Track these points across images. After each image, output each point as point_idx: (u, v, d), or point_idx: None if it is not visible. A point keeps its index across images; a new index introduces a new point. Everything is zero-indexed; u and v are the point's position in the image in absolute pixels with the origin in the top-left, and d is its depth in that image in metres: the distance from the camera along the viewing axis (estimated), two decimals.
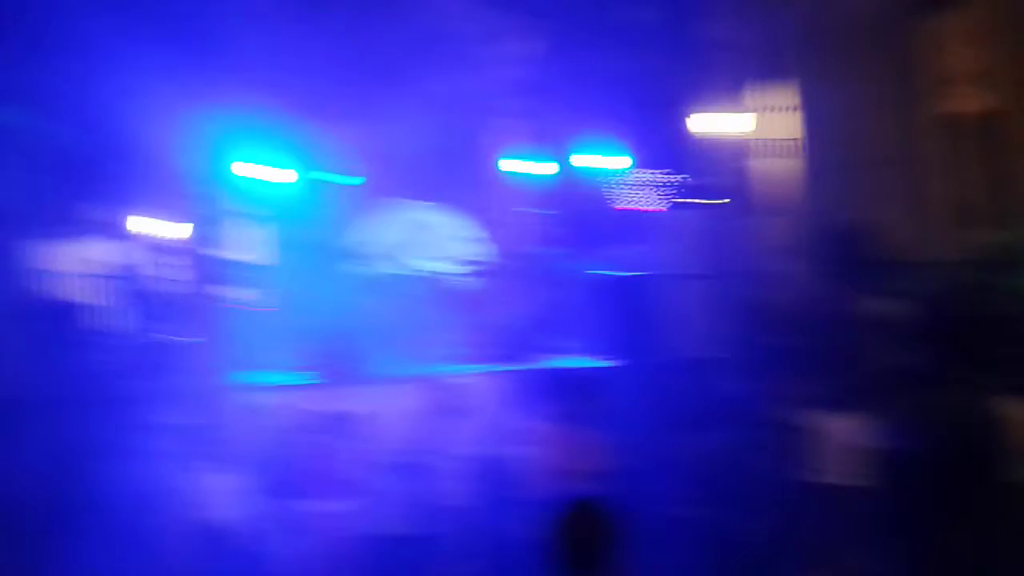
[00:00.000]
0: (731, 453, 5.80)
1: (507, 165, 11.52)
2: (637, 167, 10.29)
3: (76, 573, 5.84)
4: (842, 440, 5.22)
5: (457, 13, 10.64)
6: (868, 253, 7.89)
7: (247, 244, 9.63)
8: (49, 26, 8.38)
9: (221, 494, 6.43)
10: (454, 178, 11.30)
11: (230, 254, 8.88)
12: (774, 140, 9.57)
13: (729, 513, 5.85)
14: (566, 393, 7.34)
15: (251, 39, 10.13)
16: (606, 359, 7.90)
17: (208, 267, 8.79)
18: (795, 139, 9.03)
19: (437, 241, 10.69)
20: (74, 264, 9.91)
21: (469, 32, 10.91)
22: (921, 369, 4.39)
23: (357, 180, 9.45)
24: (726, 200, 8.34)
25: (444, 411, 7.11)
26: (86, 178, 9.83)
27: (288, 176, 9.63)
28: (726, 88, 9.72)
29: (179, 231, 9.18)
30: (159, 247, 10.30)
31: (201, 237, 8.60)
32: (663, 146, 9.80)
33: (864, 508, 4.69)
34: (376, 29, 10.55)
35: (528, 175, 11.26)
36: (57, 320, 8.30)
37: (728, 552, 5.50)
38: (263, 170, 9.57)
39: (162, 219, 10.14)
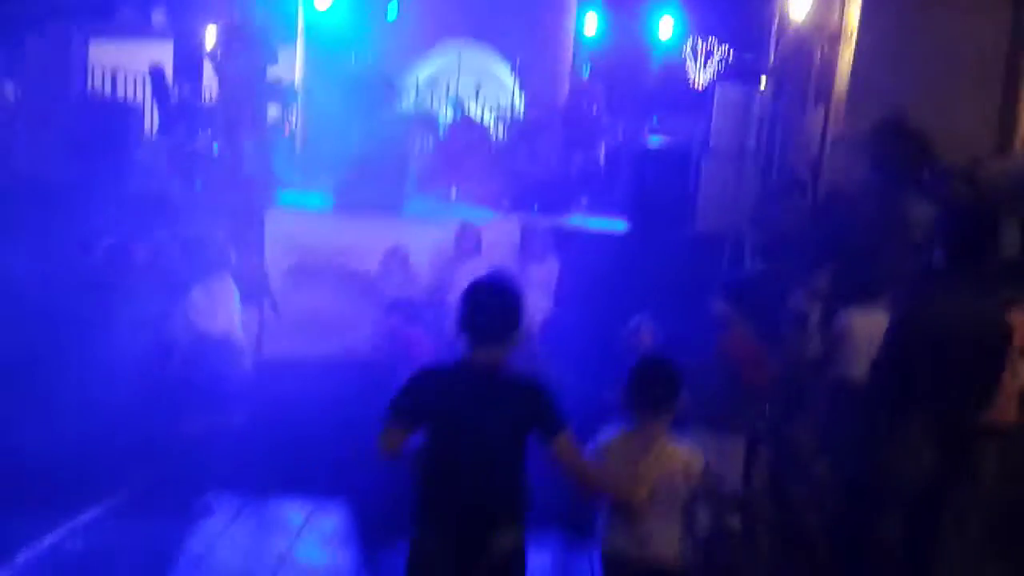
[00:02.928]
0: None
1: (562, 20, 11.21)
2: (691, 36, 10.01)
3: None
4: (857, 332, 5.25)
5: None
6: (914, 153, 7.73)
7: (287, 64, 9.53)
8: None
9: (226, 308, 6.49)
10: (507, 25, 11.05)
11: (271, 72, 8.78)
12: (834, 25, 9.23)
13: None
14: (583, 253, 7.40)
15: None
16: (628, 224, 7.88)
17: (248, 82, 8.72)
18: (854, 28, 8.70)
19: (481, 86, 10.55)
20: (123, 63, 9.85)
21: None
22: (941, 272, 4.35)
23: (397, 14, 9.22)
24: (774, 81, 8.12)
25: (461, 253, 7.17)
26: None
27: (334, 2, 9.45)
28: None
29: (223, 44, 9.03)
30: (205, 56, 10.20)
31: (244, 52, 8.47)
32: (721, 18, 9.47)
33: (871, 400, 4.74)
34: None
35: (581, 34, 10.98)
36: (102, 116, 8.31)
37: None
38: None
39: (210, 28, 9.99)
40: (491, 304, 3.02)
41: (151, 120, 9.41)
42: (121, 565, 4.52)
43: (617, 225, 7.96)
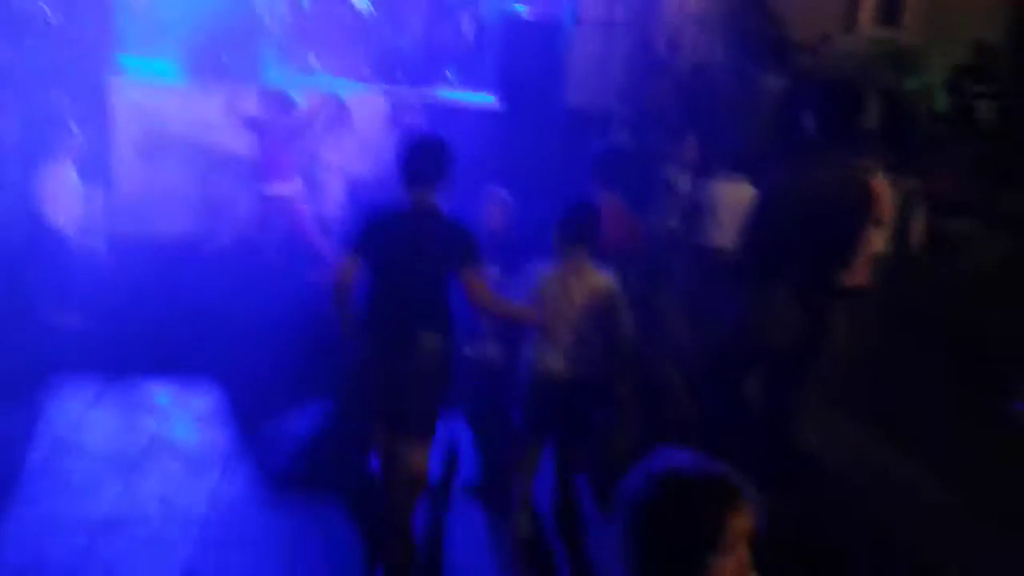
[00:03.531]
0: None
1: None
2: None
3: None
4: (721, 202, 5.44)
5: None
6: (768, 29, 7.94)
7: None
8: None
9: (70, 191, 6.04)
10: None
11: None
12: None
13: None
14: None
15: None
16: (494, 97, 7.77)
17: None
18: None
19: None
20: None
21: None
22: (801, 140, 4.52)
23: None
24: None
25: (326, 125, 6.91)
26: None
27: None
28: None
29: None
30: None
31: None
32: None
33: (737, 266, 4.92)
34: None
35: None
36: None
37: None
38: None
39: None
40: (421, 153, 3.62)
41: None
42: None
43: (486, 99, 7.84)
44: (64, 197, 5.84)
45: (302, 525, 4.01)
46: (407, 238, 3.56)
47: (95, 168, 6.61)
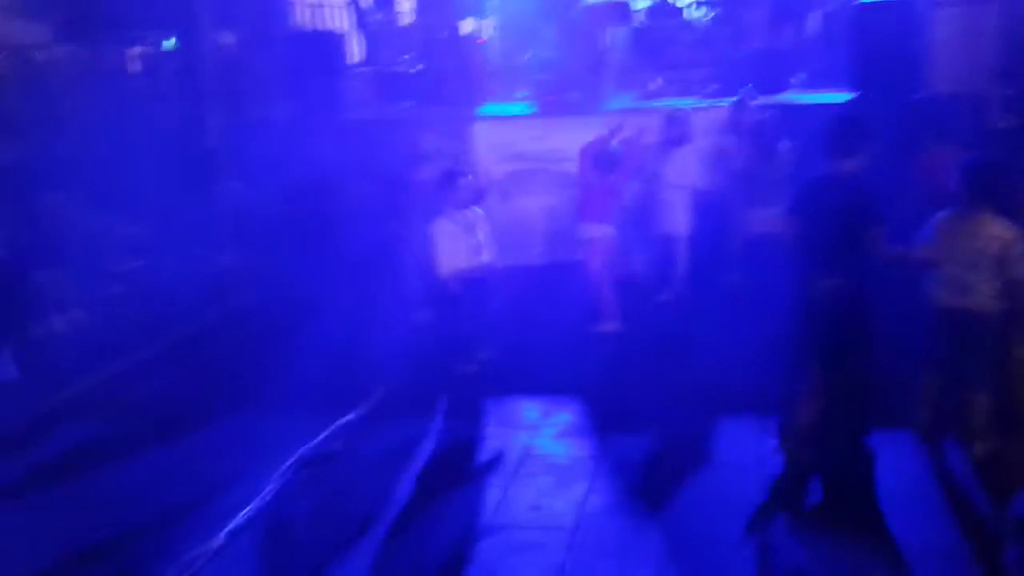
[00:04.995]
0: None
1: None
2: None
3: None
4: None
5: None
6: None
7: None
8: None
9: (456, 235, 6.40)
10: None
11: None
12: None
13: None
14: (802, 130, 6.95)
15: None
16: (853, 92, 7.31)
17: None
18: None
19: None
20: None
21: None
22: None
23: None
24: None
25: (668, 141, 6.93)
26: None
27: None
28: None
29: None
30: None
31: None
32: None
33: None
34: None
35: None
36: (312, 49, 8.59)
37: None
38: None
39: None
40: (843, 127, 4.27)
41: (355, 48, 9.70)
42: (386, 461, 4.86)
43: (841, 96, 7.41)
44: (451, 241, 6.13)
45: (667, 538, 4.00)
46: (832, 201, 4.20)
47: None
